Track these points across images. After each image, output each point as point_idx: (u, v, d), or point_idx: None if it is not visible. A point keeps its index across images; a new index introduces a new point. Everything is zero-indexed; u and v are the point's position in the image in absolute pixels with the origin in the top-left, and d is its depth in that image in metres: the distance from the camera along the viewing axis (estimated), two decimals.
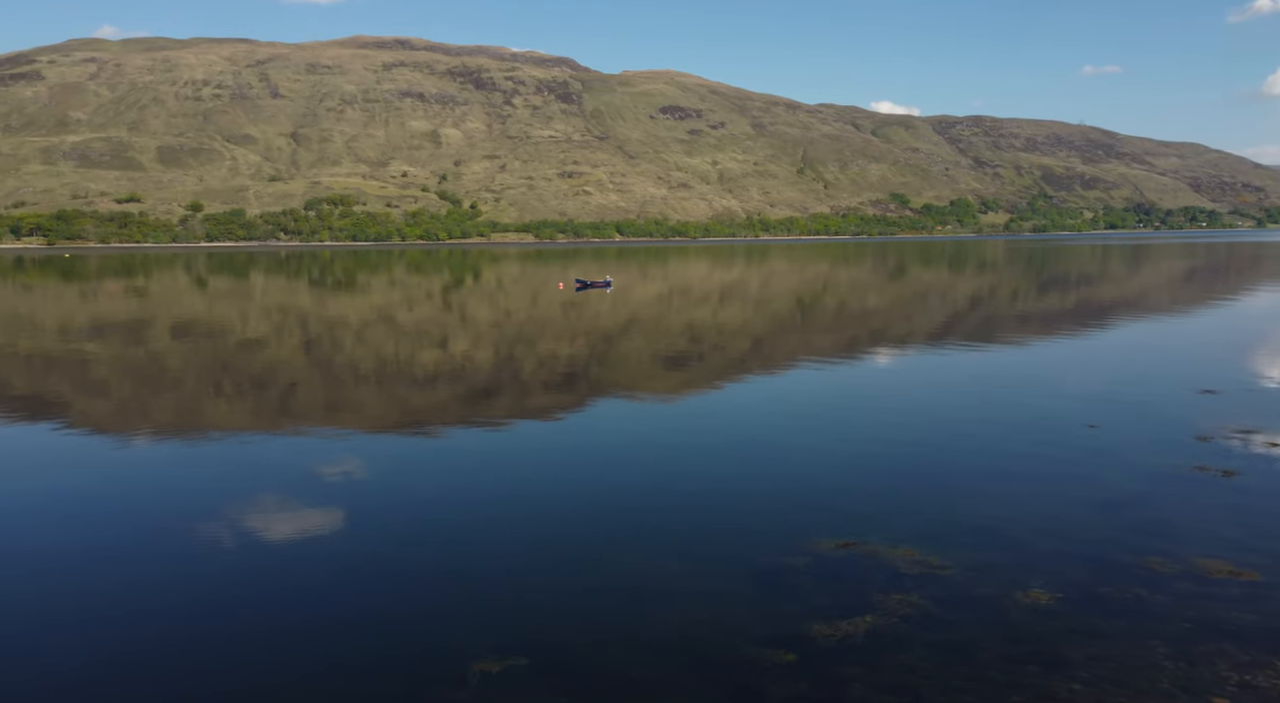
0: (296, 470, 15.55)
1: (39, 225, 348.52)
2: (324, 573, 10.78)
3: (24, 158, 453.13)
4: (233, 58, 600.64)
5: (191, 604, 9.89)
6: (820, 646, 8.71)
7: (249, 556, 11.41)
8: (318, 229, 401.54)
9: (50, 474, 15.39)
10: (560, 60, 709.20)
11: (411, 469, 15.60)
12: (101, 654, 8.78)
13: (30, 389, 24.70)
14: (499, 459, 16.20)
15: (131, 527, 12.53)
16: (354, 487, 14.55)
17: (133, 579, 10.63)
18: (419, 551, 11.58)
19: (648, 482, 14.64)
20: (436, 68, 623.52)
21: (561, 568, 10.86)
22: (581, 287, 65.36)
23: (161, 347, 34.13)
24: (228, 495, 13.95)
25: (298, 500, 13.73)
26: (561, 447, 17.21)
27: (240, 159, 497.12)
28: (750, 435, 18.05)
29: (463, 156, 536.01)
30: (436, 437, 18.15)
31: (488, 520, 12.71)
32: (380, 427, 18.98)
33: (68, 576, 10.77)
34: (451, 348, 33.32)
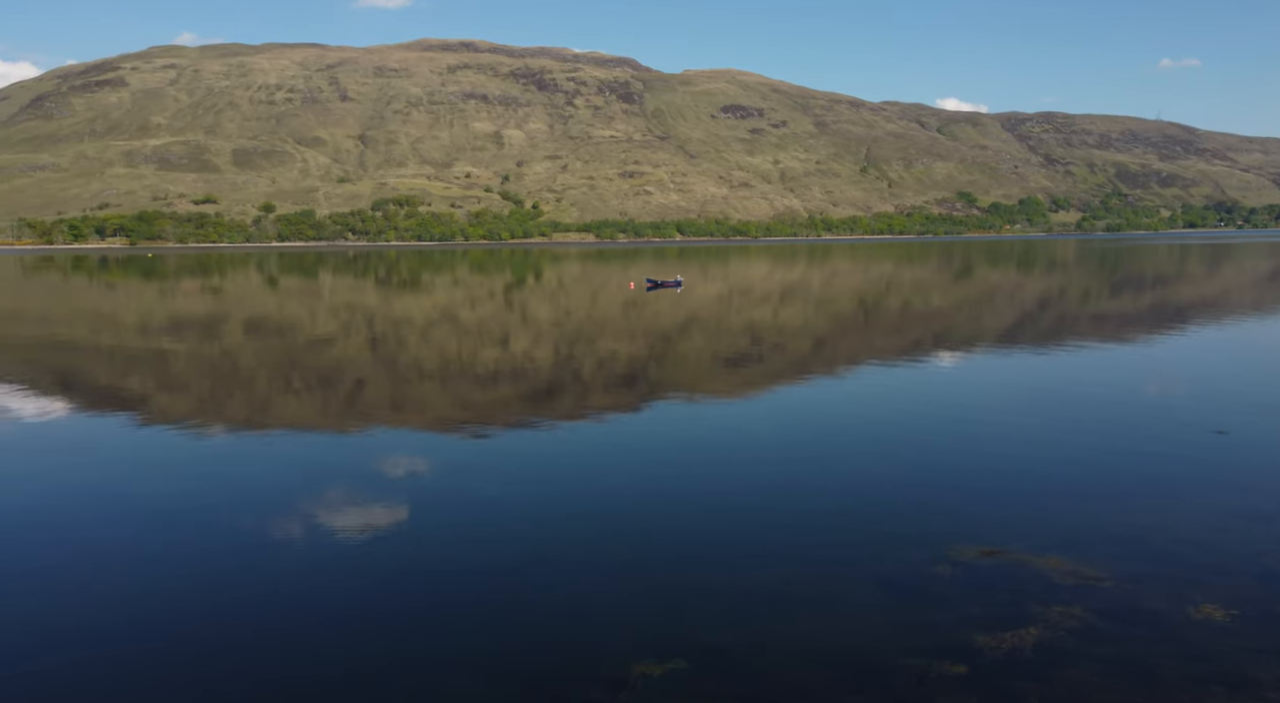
0: (365, 466, 15.84)
1: (121, 226, 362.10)
2: (441, 569, 10.95)
3: (108, 161, 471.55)
4: (304, 62, 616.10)
5: (277, 596, 10.13)
6: (988, 658, 8.41)
7: (326, 550, 11.64)
8: (384, 229, 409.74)
9: (127, 466, 15.94)
10: (622, 60, 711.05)
11: (482, 466, 15.77)
12: (187, 644, 9.03)
13: (112, 384, 25.65)
14: (581, 457, 16.26)
15: (204, 520, 12.89)
16: (423, 483, 14.76)
17: (206, 572, 10.93)
18: (536, 548, 11.67)
19: (752, 484, 14.42)
20: (500, 69, 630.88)
21: (700, 571, 10.68)
22: (652, 286, 65.35)
23: (235, 344, 35.16)
24: (299, 491, 14.28)
25: (379, 495, 13.98)
26: (643, 446, 17.20)
27: (310, 161, 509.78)
28: (842, 438, 17.83)
29: (525, 157, 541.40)
30: (499, 435, 18.31)
31: (592, 519, 12.74)
32: (444, 424, 19.24)
33: (143, 566, 11.13)
34: (513, 347, 33.66)
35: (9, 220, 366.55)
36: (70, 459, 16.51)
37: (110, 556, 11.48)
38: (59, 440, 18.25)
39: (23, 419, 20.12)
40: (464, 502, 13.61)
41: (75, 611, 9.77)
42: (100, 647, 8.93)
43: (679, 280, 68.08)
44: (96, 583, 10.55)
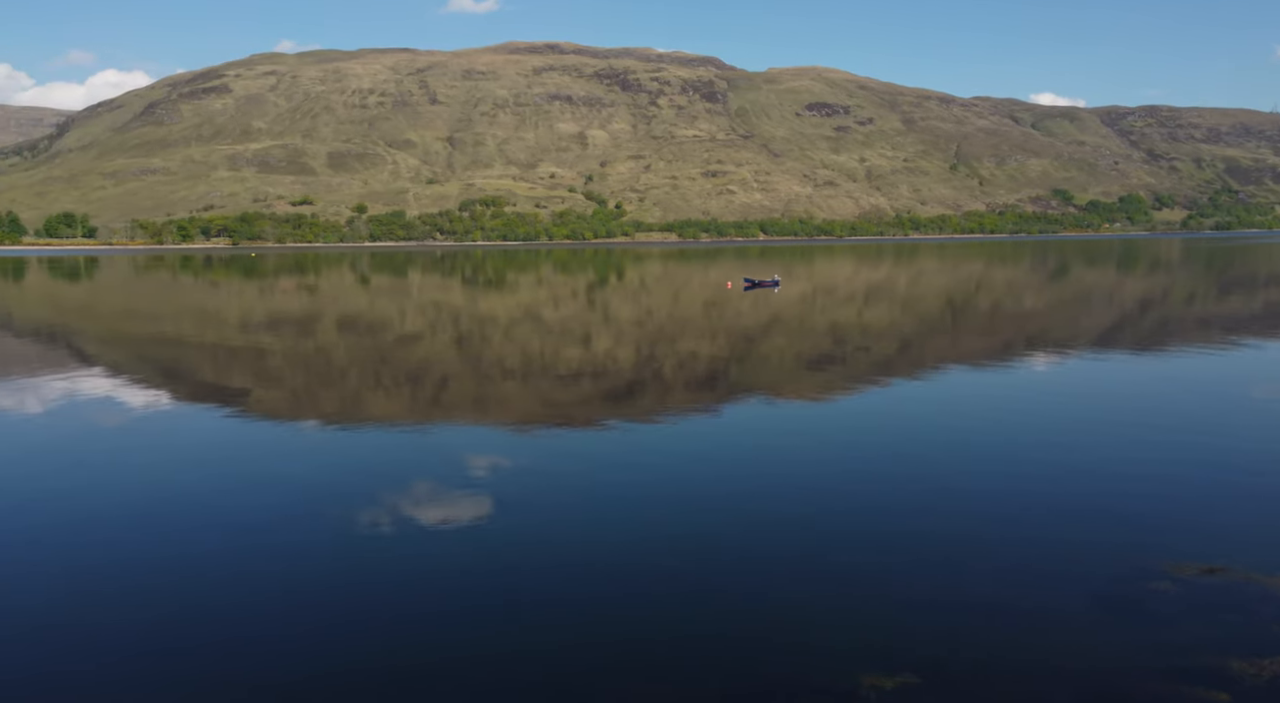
0: (449, 462, 16.19)
1: (225, 227, 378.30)
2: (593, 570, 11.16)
3: (213, 165, 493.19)
4: (395, 67, 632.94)
5: (365, 588, 10.44)
6: (1249, 685, 7.85)
7: (410, 543, 11.92)
8: (471, 229, 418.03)
9: (228, 457, 16.63)
10: (705, 59, 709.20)
11: (565, 463, 15.94)
12: (297, 628, 9.37)
13: (215, 378, 26.83)
14: (662, 456, 16.31)
15: (299, 511, 13.35)
16: (506, 479, 15.00)
17: (298, 560, 11.32)
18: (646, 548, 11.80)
19: (910, 489, 13.99)
20: (584, 71, 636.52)
21: (898, 581, 10.30)
22: (750, 286, 64.94)
23: (328, 340, 36.38)
24: (385, 485, 14.67)
25: (463, 490, 14.28)
26: (735, 446, 17.16)
27: (401, 163, 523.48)
28: (979, 441, 17.47)
29: (608, 157, 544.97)
30: (581, 433, 18.47)
31: (709, 520, 12.81)
32: (526, 422, 19.51)
33: (237, 556, 11.59)
34: (594, 346, 33.93)
35: (124, 222, 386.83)
36: (170, 448, 17.32)
37: (189, 548, 11.98)
38: (163, 430, 19.16)
39: (134, 410, 21.22)
40: (548, 498, 13.78)
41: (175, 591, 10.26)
42: (205, 626, 9.35)
43: (776, 280, 67.49)
44: (185, 566, 11.04)
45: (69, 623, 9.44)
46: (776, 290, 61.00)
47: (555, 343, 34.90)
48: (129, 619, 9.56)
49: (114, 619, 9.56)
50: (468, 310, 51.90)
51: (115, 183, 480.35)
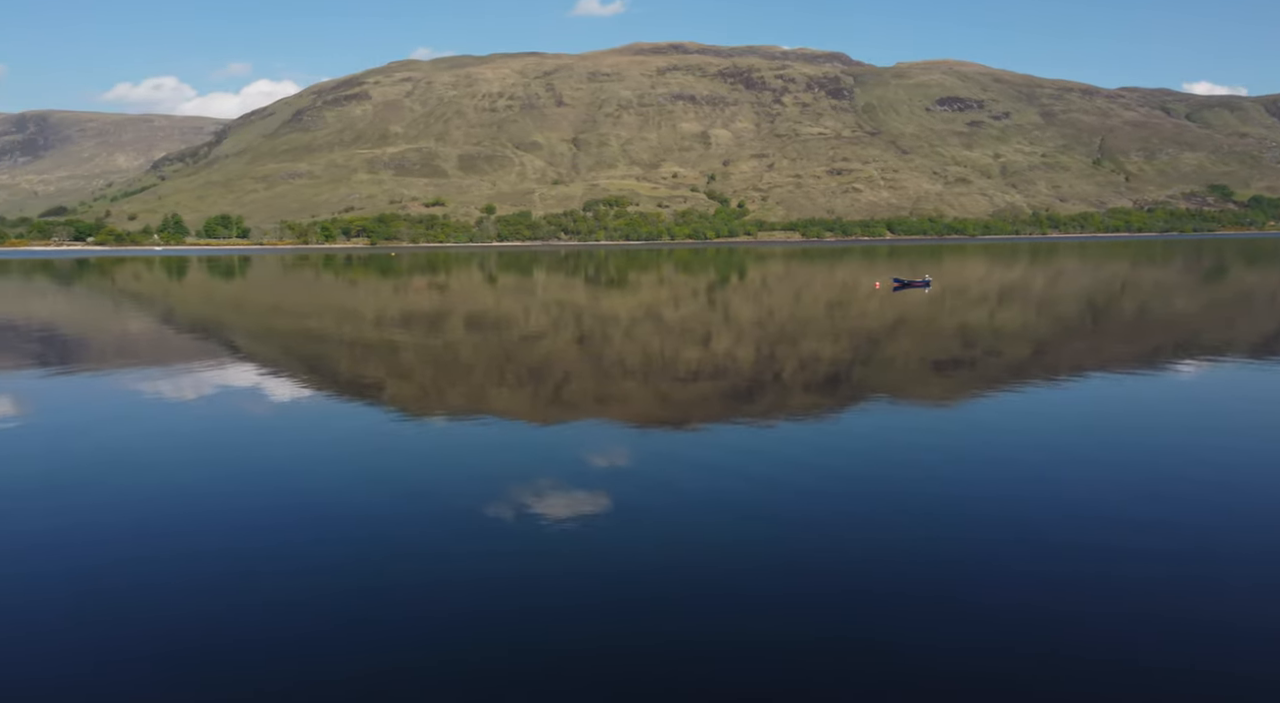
0: (570, 457, 16.47)
1: (364, 228, 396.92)
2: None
3: (353, 168, 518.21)
4: (523, 70, 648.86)
5: (487, 581, 10.74)
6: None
7: (531, 538, 12.17)
8: (594, 229, 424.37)
9: (359, 452, 17.40)
10: (831, 56, 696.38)
11: (682, 461, 15.95)
12: (421, 620, 9.75)
13: (352, 372, 28.18)
14: (780, 457, 16.14)
15: (427, 503, 13.83)
16: (624, 475, 15.13)
17: (419, 551, 11.73)
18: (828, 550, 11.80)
19: (1061, 516, 13.34)
20: (708, 70, 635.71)
21: (1044, 635, 9.40)
22: (899, 286, 63.42)
23: (456, 337, 37.64)
24: (509, 479, 15.04)
25: (583, 486, 14.51)
26: (863, 450, 16.84)
27: (527, 164, 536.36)
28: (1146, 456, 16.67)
29: (731, 156, 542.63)
30: (699, 432, 18.44)
31: (801, 521, 12.69)
32: (645, 419, 19.62)
33: (361, 546, 12.10)
34: (714, 345, 33.83)
35: (273, 223, 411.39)
36: (308, 440, 18.27)
37: (332, 530, 12.56)
38: (303, 422, 20.22)
39: (277, 401, 22.53)
40: (665, 496, 13.82)
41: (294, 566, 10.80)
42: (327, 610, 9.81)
43: (927, 280, 65.50)
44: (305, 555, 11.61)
45: (236, 595, 10.08)
46: (928, 291, 59.05)
47: (675, 342, 34.99)
48: (265, 602, 10.12)
49: (249, 599, 10.15)
50: (590, 309, 52.68)
51: (266, 186, 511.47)
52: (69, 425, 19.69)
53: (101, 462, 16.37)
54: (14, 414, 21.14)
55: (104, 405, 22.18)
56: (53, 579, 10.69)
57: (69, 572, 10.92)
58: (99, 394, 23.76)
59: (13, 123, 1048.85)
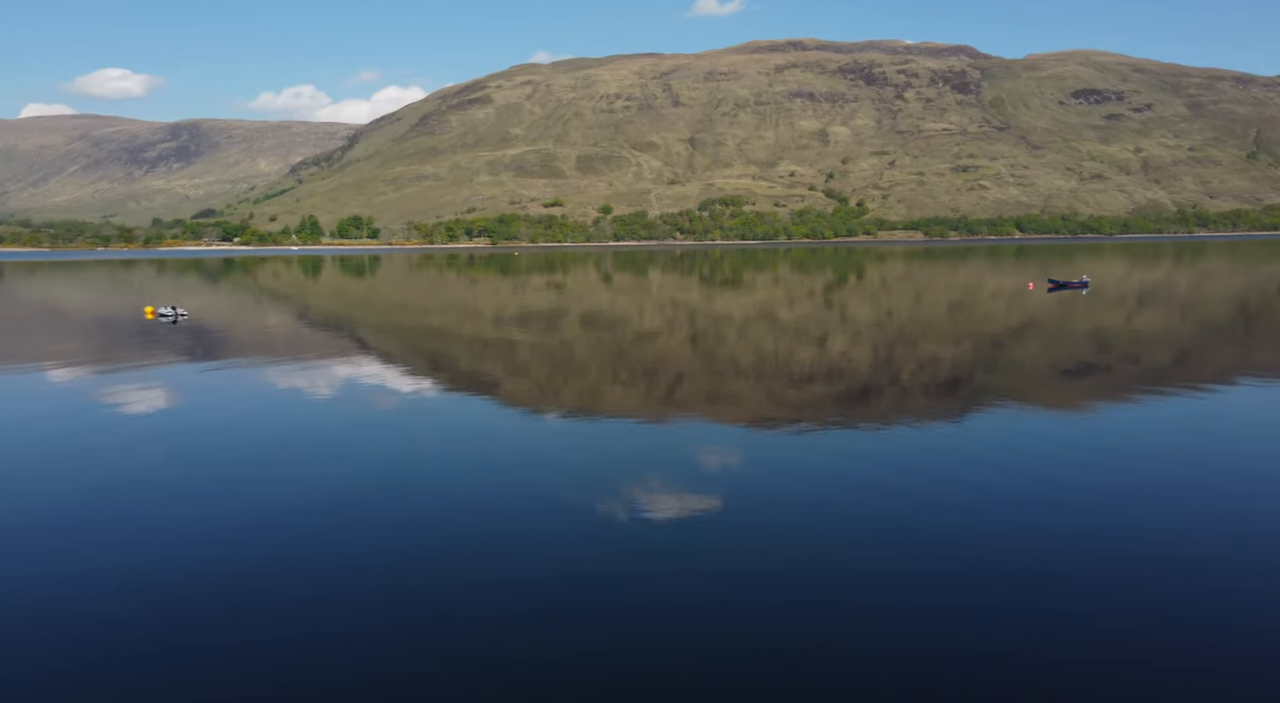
0: (681, 456, 16.46)
1: (485, 228, 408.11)
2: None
3: (475, 170, 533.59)
4: (640, 71, 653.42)
5: (598, 577, 10.87)
6: None
7: (639, 536, 12.25)
8: (710, 229, 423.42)
9: (476, 448, 17.87)
10: (957, 49, 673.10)
11: (793, 463, 15.74)
12: (534, 615, 9.96)
13: (471, 368, 29.01)
14: (895, 461, 15.73)
15: (537, 498, 14.08)
16: (735, 476, 15.03)
17: (534, 545, 11.94)
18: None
19: (1196, 538, 12.30)
20: (827, 67, 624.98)
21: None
22: (1055, 287, 60.82)
23: (571, 335, 38.23)
24: (620, 475, 15.16)
25: (693, 485, 14.51)
26: (983, 459, 16.28)
27: (644, 165, 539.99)
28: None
29: (850, 154, 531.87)
30: (812, 434, 18.13)
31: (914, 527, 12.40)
32: (757, 420, 19.43)
33: (472, 538, 12.39)
34: (830, 346, 33.21)
35: (401, 224, 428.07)
36: (427, 434, 18.89)
37: (449, 525, 12.93)
38: (424, 415, 20.93)
39: (401, 394, 23.41)
40: (775, 498, 13.65)
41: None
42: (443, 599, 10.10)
43: (1085, 281, 62.28)
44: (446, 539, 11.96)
45: (377, 576, 10.53)
46: (1085, 292, 56.12)
47: (789, 343, 34.53)
48: (398, 585, 10.52)
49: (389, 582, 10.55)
50: (703, 309, 52.58)
51: (394, 189, 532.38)
52: (215, 421, 20.99)
53: (240, 455, 17.37)
54: (167, 406, 22.69)
55: (244, 398, 23.54)
56: (188, 565, 11.40)
57: (209, 559, 11.62)
58: (241, 387, 25.24)
59: (169, 131, 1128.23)
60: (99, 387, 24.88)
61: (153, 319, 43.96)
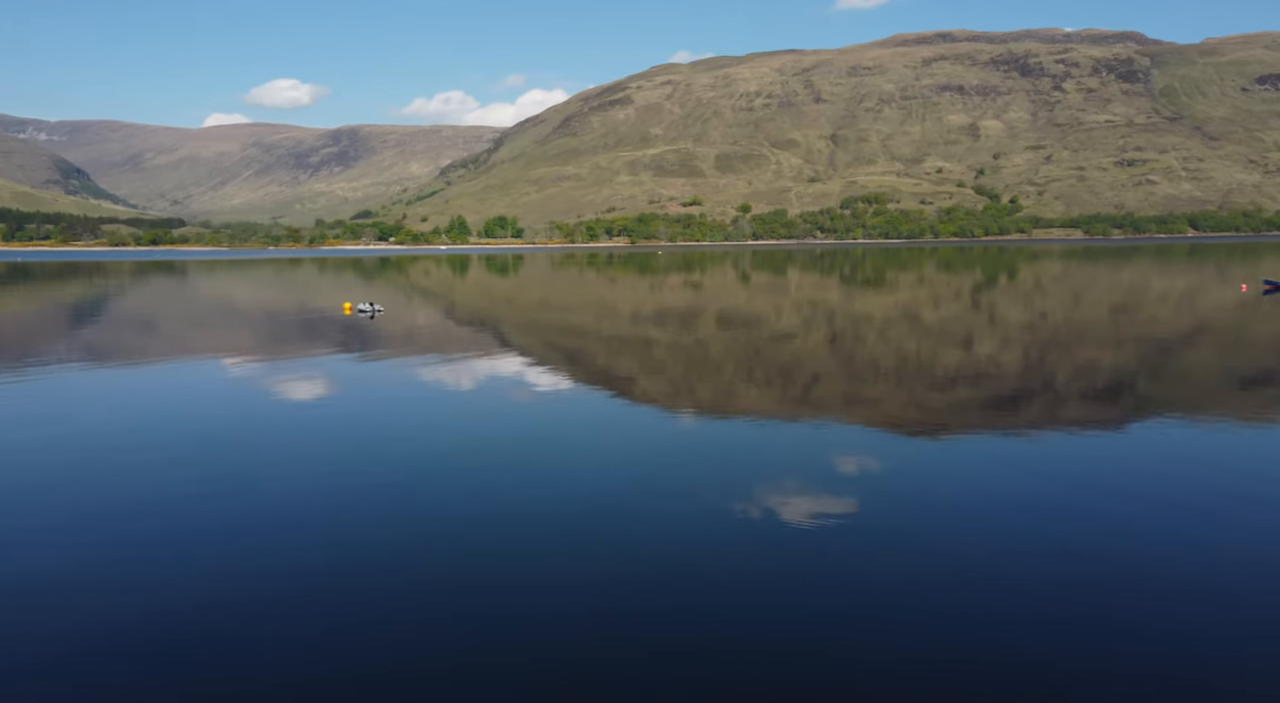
0: (816, 458, 16.12)
1: (625, 227, 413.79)
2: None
3: (615, 170, 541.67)
4: (781, 68, 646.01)
5: (729, 577, 10.78)
6: None
7: (772, 536, 12.06)
8: (851, 227, 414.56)
9: (610, 444, 18.06)
10: (1123, 35, 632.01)
11: (936, 469, 15.14)
12: (655, 613, 9.98)
13: (607, 365, 29.40)
14: (1049, 470, 14.92)
15: (669, 497, 14.08)
16: (872, 480, 14.59)
17: (662, 543, 11.93)
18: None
19: None
20: (978, 58, 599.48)
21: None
22: (1271, 288, 56.40)
23: (707, 334, 38.15)
24: (753, 475, 14.98)
25: (829, 487, 14.20)
26: (1141, 471, 15.26)
27: (783, 162, 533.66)
28: None
29: (1002, 149, 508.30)
30: (955, 439, 17.39)
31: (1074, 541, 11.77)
32: (896, 424, 18.81)
33: (606, 538, 12.49)
34: (977, 349, 31.79)
35: (543, 223, 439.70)
36: (563, 430, 19.22)
37: (581, 520, 13.09)
38: (559, 413, 21.34)
39: (538, 389, 23.98)
40: (919, 504, 13.16)
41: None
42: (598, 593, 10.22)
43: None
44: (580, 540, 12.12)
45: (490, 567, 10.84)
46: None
47: (933, 345, 33.28)
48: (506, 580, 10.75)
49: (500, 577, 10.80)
50: (843, 309, 51.42)
51: (537, 189, 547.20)
52: (356, 412, 22.12)
53: (379, 445, 18.20)
54: (325, 394, 24.09)
55: (391, 390, 24.69)
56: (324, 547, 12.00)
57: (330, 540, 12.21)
58: (388, 379, 26.49)
59: (330, 137, 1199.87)
60: (346, 373, 26.65)
61: (350, 314, 46.59)
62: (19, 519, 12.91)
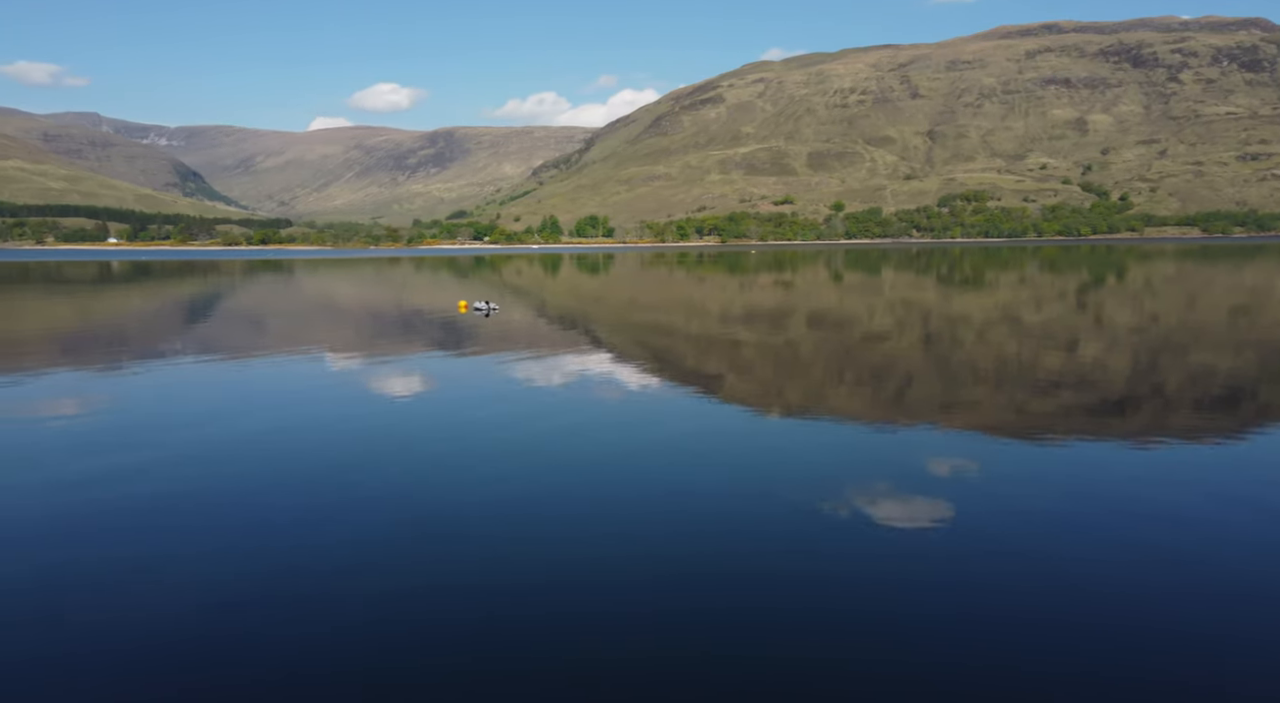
0: (909, 463, 15.74)
1: (715, 226, 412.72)
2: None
3: (706, 169, 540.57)
4: (876, 64, 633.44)
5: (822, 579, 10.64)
6: None
7: (867, 540, 11.84)
8: (949, 225, 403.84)
9: (698, 445, 18.00)
10: (1246, 22, 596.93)
11: (1036, 477, 14.61)
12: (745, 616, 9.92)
13: (695, 365, 29.34)
14: (1158, 481, 14.25)
15: (754, 498, 13.95)
16: (969, 487, 14.16)
17: (759, 546, 11.83)
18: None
19: None
20: (1087, 49, 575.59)
21: None
22: None
23: (797, 335, 37.69)
24: (843, 477, 14.73)
25: (922, 491, 13.87)
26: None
27: (878, 160, 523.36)
28: None
29: (1111, 144, 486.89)
30: (1056, 446, 16.71)
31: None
32: (994, 429, 18.20)
33: (697, 535, 12.44)
34: (1082, 352, 30.51)
35: (633, 222, 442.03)
36: (649, 429, 19.25)
37: (663, 524, 13.07)
38: (645, 411, 21.37)
39: (627, 388, 24.09)
40: (1017, 508, 12.71)
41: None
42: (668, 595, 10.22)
43: None
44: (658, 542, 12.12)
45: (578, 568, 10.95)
46: None
47: (1034, 347, 32.10)
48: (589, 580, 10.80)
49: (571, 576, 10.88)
50: (939, 309, 50.07)
51: (628, 189, 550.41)
52: (451, 402, 22.64)
53: (471, 441, 18.58)
54: (419, 390, 24.76)
55: (481, 385, 25.18)
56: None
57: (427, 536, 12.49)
58: (480, 374, 27.03)
59: (427, 139, 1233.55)
60: (487, 369, 27.55)
61: (466, 312, 47.74)
62: (102, 504, 13.63)
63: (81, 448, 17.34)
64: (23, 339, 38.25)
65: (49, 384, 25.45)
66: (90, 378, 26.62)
